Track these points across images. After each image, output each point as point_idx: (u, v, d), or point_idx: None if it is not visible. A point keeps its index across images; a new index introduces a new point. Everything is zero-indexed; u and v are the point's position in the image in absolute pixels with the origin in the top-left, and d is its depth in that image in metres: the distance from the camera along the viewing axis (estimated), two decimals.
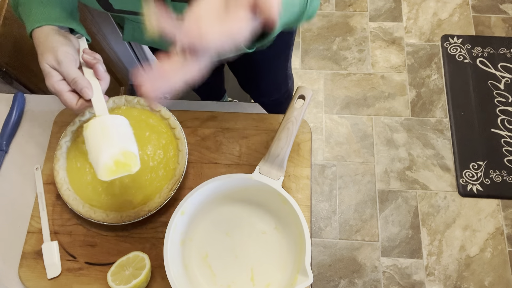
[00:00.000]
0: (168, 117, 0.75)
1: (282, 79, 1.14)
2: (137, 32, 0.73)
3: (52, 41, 0.58)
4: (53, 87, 0.57)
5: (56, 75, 0.57)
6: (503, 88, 1.76)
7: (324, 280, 1.50)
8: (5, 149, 0.79)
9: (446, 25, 1.91)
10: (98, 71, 0.60)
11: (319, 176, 1.65)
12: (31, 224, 0.72)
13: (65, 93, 0.57)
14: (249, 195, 0.69)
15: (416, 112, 1.75)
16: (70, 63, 0.57)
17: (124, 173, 0.55)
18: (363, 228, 1.57)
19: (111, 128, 0.57)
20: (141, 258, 0.66)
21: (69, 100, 0.57)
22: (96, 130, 0.56)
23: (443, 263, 1.51)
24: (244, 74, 1.10)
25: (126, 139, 0.57)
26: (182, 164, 0.71)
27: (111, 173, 0.54)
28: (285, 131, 0.68)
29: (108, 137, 0.55)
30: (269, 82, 1.11)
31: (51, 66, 0.57)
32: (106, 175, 0.54)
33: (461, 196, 1.60)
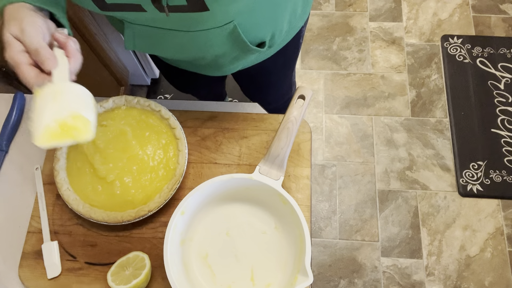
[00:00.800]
0: (168, 117, 0.75)
1: (287, 88, 1.13)
2: (139, 39, 0.69)
3: (21, 12, 0.51)
4: (11, 59, 0.50)
5: (17, 45, 0.50)
6: (503, 88, 1.76)
7: (324, 280, 1.50)
8: (5, 149, 0.79)
9: (446, 25, 1.91)
10: (69, 47, 0.53)
11: (319, 176, 1.65)
12: (31, 224, 0.72)
13: (23, 65, 0.49)
14: (249, 195, 0.69)
15: (416, 112, 1.75)
16: (36, 33, 0.50)
17: (71, 139, 0.47)
18: (363, 228, 1.57)
19: (67, 94, 0.48)
20: (141, 258, 0.66)
21: (26, 73, 0.49)
22: (47, 94, 0.48)
23: (443, 263, 1.51)
24: (250, 84, 1.08)
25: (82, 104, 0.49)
26: (182, 164, 0.71)
27: (54, 136, 0.46)
28: (285, 131, 0.68)
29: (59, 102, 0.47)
30: (275, 91, 1.10)
31: (14, 36, 0.50)
32: (45, 139, 0.45)
33: (461, 196, 1.60)
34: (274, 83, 1.04)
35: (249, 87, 1.11)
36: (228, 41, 0.67)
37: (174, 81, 1.13)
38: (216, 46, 0.68)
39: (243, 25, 0.66)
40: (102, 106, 0.76)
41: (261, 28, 0.71)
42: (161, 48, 0.71)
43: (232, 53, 0.72)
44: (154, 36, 0.67)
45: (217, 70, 0.83)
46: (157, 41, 0.69)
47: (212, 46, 0.68)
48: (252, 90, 1.12)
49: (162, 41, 0.68)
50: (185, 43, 0.67)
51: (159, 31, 0.65)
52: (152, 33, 0.66)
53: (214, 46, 0.68)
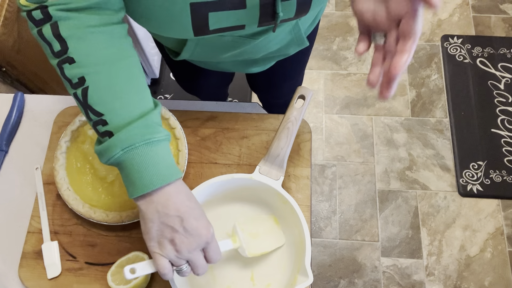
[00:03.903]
0: (168, 117, 0.75)
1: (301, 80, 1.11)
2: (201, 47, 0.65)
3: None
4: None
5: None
6: (503, 88, 1.76)
7: (324, 280, 1.50)
8: (5, 149, 0.79)
9: (446, 25, 1.91)
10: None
11: (319, 176, 1.65)
12: (31, 224, 0.72)
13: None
14: (249, 195, 0.69)
15: (416, 112, 1.75)
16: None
17: None
18: (363, 228, 1.57)
19: None
20: (141, 258, 0.66)
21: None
22: None
23: (443, 263, 1.51)
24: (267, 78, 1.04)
25: None
26: (182, 164, 0.71)
27: None
28: (285, 131, 0.68)
29: None
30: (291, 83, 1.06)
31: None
32: None
33: (461, 196, 1.60)
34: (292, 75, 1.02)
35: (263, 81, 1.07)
36: (289, 35, 0.67)
37: (184, 82, 1.12)
38: (277, 41, 0.68)
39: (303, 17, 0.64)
40: None
41: (308, 19, 0.71)
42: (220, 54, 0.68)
43: (286, 47, 0.71)
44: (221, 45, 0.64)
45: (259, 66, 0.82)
46: (221, 49, 0.66)
47: (274, 42, 0.68)
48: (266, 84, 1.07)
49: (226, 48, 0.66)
50: (250, 47, 0.66)
51: (232, 39, 0.62)
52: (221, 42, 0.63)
53: (275, 43, 0.68)
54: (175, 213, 0.49)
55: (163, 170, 0.49)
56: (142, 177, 0.48)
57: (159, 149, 0.49)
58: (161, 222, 0.49)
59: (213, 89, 1.21)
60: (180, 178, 0.51)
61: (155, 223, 0.49)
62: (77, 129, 0.75)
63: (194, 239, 0.49)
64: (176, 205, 0.49)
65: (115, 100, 0.48)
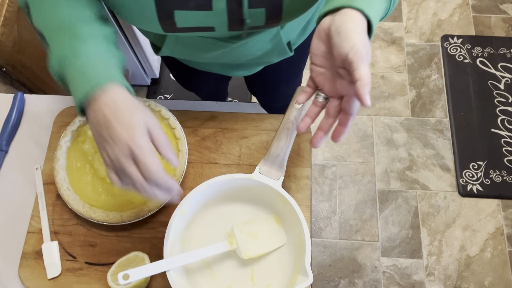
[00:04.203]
0: (168, 117, 0.75)
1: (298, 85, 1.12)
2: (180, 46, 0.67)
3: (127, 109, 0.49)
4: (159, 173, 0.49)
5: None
6: (503, 88, 1.76)
7: (324, 280, 1.50)
8: (5, 149, 0.79)
9: (446, 25, 1.91)
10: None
11: (319, 176, 1.65)
12: (31, 224, 0.72)
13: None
14: (249, 195, 0.69)
15: (416, 112, 1.75)
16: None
17: None
18: (363, 228, 1.57)
19: None
20: (141, 258, 0.66)
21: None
22: None
23: (443, 263, 1.51)
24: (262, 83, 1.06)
25: None
26: (182, 164, 0.71)
27: None
28: (285, 131, 0.68)
29: None
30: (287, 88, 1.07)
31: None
32: None
33: (461, 196, 1.60)
34: (287, 80, 1.03)
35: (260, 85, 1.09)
36: (269, 43, 0.68)
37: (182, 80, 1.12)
38: (257, 48, 0.68)
39: (285, 27, 0.67)
40: None
41: (296, 29, 0.72)
42: (201, 54, 0.70)
43: (267, 55, 0.72)
44: (199, 45, 0.66)
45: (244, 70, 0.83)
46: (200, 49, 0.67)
47: (254, 49, 0.68)
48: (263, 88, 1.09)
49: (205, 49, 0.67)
50: (229, 49, 0.66)
51: (208, 40, 0.64)
52: (199, 42, 0.65)
53: (256, 48, 0.68)
54: (103, 121, 0.47)
55: (91, 78, 0.48)
56: (74, 88, 0.49)
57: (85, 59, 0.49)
58: (96, 131, 0.49)
59: (211, 87, 1.21)
60: (116, 85, 0.49)
61: (94, 133, 0.50)
62: (77, 129, 0.75)
63: (116, 146, 0.47)
64: (104, 113, 0.47)
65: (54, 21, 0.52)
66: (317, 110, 0.54)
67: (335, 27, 0.46)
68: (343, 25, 0.45)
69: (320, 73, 0.51)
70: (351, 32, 0.45)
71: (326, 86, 0.51)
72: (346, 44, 0.45)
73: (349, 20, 0.46)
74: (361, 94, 0.45)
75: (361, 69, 0.45)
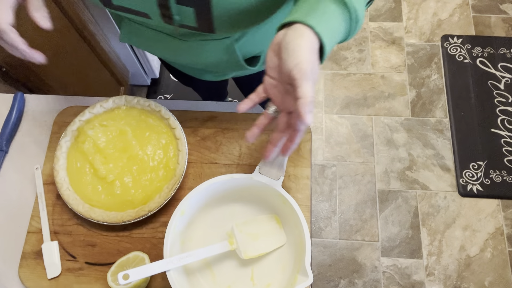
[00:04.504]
0: (168, 117, 0.75)
1: None
2: (135, 36, 0.70)
3: None
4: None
5: None
6: (503, 88, 1.76)
7: (324, 280, 1.50)
8: (5, 149, 0.79)
9: (446, 25, 1.91)
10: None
11: (319, 176, 1.65)
12: (31, 224, 0.72)
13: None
14: (249, 195, 0.69)
15: (416, 112, 1.75)
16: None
17: None
18: (363, 228, 1.57)
19: None
20: (141, 258, 0.66)
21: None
22: None
23: (443, 263, 1.51)
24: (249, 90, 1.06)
25: None
26: (182, 164, 0.71)
27: None
28: None
29: None
30: None
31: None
32: None
33: (461, 196, 1.60)
34: None
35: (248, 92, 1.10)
36: (223, 54, 0.68)
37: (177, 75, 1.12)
38: (210, 56, 0.69)
39: (241, 41, 0.67)
40: (102, 106, 0.76)
41: (259, 45, 0.72)
42: (156, 48, 0.71)
43: (226, 64, 0.72)
44: (151, 37, 0.67)
45: (211, 75, 0.84)
46: (153, 42, 0.69)
47: (207, 56, 0.69)
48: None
49: (158, 43, 0.68)
50: (180, 49, 0.67)
51: (157, 34, 0.66)
52: (149, 34, 0.67)
53: (208, 56, 0.69)
54: None
55: None
56: None
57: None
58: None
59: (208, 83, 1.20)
60: None
61: None
62: (77, 129, 0.75)
63: None
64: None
65: None
66: (266, 122, 0.54)
67: (285, 42, 0.46)
68: (292, 41, 0.45)
69: (273, 86, 0.51)
70: (298, 49, 0.44)
71: (277, 99, 0.51)
72: (291, 60, 0.45)
73: (299, 36, 0.45)
74: (301, 112, 0.44)
75: (303, 87, 0.44)
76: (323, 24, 0.46)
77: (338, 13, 0.48)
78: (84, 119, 0.75)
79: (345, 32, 0.51)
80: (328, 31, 0.47)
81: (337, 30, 0.49)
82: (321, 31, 0.46)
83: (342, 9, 0.48)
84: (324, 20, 0.46)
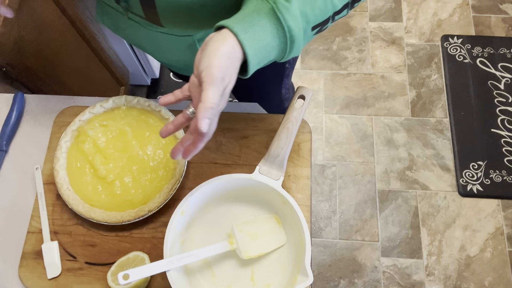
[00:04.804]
0: (168, 117, 0.75)
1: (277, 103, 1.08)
2: (107, 18, 0.70)
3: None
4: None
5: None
6: (503, 88, 1.76)
7: (324, 280, 1.50)
8: (5, 149, 0.79)
9: (446, 25, 1.91)
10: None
11: (319, 176, 1.65)
12: (31, 224, 0.72)
13: None
14: (249, 195, 0.69)
15: (416, 112, 1.75)
16: None
17: None
18: (363, 228, 1.57)
19: None
20: (141, 258, 0.66)
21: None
22: None
23: (443, 263, 1.51)
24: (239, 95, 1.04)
25: None
26: (182, 164, 0.71)
27: None
28: (285, 131, 0.68)
29: None
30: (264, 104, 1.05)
31: None
32: None
33: (461, 196, 1.60)
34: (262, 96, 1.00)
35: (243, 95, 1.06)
36: (186, 52, 0.68)
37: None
38: (174, 51, 0.69)
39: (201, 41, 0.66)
40: (102, 106, 0.76)
41: None
42: (126, 34, 0.72)
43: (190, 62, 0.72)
44: (119, 21, 0.68)
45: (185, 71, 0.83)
46: (122, 27, 0.70)
47: (171, 50, 0.69)
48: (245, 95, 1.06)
49: (126, 29, 0.69)
50: (146, 38, 0.68)
51: (123, 19, 0.66)
52: (119, 18, 0.67)
53: (172, 50, 0.69)
54: None
55: None
56: None
57: None
58: None
59: None
60: None
61: None
62: (77, 129, 0.75)
63: None
64: None
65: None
66: (183, 121, 0.52)
67: (206, 43, 0.45)
68: (211, 44, 0.44)
69: (195, 85, 0.49)
70: (214, 52, 0.44)
71: (195, 100, 0.49)
72: (204, 62, 0.44)
73: (220, 40, 0.44)
74: (198, 116, 0.43)
75: (208, 91, 0.43)
76: (250, 35, 0.45)
77: (270, 28, 0.46)
78: (84, 119, 0.75)
79: (280, 49, 0.49)
80: (254, 42, 0.45)
81: (268, 44, 0.47)
82: (245, 40, 0.44)
83: (275, 25, 0.46)
84: (252, 31, 0.45)
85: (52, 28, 1.07)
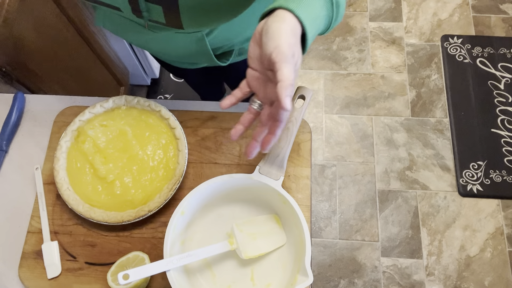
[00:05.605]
0: (168, 117, 0.75)
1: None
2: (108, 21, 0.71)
3: None
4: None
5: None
6: (503, 88, 1.76)
7: (324, 280, 1.50)
8: (5, 149, 0.79)
9: (446, 25, 1.91)
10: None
11: (319, 176, 1.65)
12: (31, 224, 0.72)
13: None
14: (249, 195, 0.69)
15: (416, 112, 1.75)
16: None
17: None
18: (363, 228, 1.57)
19: None
20: (141, 258, 0.66)
21: None
22: None
23: (443, 263, 1.51)
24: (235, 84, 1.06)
25: None
26: (182, 164, 0.71)
27: None
28: (285, 131, 0.68)
29: None
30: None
31: None
32: None
33: (461, 196, 1.60)
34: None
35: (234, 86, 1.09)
36: (193, 47, 0.68)
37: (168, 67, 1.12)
38: (181, 47, 0.69)
39: (213, 35, 0.67)
40: (102, 106, 0.76)
41: (232, 39, 0.72)
42: (128, 36, 0.72)
43: (196, 55, 0.72)
44: (122, 24, 0.68)
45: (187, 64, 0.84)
46: (125, 30, 0.70)
47: (177, 47, 0.69)
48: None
49: (130, 31, 0.69)
50: (151, 39, 0.68)
51: (127, 22, 0.66)
52: (121, 21, 0.67)
53: (179, 47, 0.69)
54: None
55: None
56: None
57: None
58: None
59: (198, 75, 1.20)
60: None
61: None
62: (77, 129, 0.75)
63: None
64: None
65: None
66: (251, 117, 0.52)
67: (265, 27, 0.45)
68: (271, 24, 0.44)
69: (256, 78, 0.49)
70: (277, 31, 0.44)
71: (260, 91, 0.50)
72: (271, 43, 0.44)
73: (279, 20, 0.44)
74: (280, 96, 0.43)
75: (283, 69, 0.43)
76: (304, 8, 0.46)
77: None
78: (84, 119, 0.75)
79: (327, 18, 0.50)
80: (309, 15, 0.46)
81: (318, 15, 0.48)
82: (302, 14, 0.45)
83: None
84: (304, 5, 0.46)
85: (52, 28, 1.07)
